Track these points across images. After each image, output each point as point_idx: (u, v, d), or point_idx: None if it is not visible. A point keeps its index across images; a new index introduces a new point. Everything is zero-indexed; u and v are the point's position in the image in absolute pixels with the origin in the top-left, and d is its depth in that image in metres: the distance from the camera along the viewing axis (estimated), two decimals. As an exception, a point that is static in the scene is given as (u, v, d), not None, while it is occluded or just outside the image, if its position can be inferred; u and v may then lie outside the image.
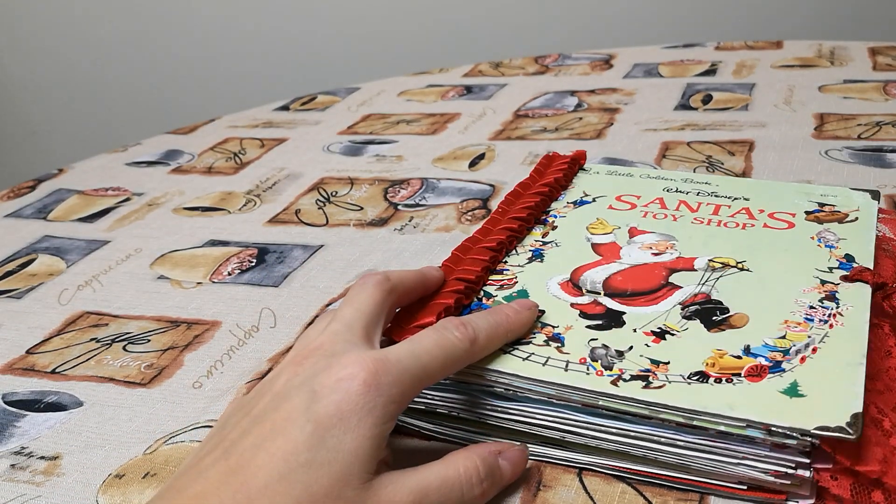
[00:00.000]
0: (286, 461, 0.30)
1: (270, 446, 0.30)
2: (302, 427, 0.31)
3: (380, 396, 0.32)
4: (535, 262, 0.44)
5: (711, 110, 0.79)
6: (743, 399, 0.33)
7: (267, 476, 0.30)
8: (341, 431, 0.31)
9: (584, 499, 0.35)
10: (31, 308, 0.56)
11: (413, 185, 0.69)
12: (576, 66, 1.00)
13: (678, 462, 0.34)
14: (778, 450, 0.32)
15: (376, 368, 0.32)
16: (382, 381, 0.32)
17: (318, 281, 0.55)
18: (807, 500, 0.33)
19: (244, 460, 0.30)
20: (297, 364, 0.34)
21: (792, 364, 0.35)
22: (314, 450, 0.30)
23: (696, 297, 0.40)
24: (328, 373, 0.32)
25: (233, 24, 1.95)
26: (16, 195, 0.77)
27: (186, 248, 0.62)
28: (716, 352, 0.36)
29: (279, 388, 0.33)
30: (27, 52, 2.14)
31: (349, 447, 0.31)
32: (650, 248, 0.45)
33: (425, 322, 0.37)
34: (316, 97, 0.99)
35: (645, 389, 0.34)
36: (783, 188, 0.50)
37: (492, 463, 0.34)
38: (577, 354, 0.36)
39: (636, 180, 0.53)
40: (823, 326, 0.37)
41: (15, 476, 0.40)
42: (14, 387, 0.47)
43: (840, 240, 0.44)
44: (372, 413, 0.31)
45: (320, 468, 0.30)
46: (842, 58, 0.91)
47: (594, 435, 0.35)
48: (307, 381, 0.32)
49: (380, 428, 0.32)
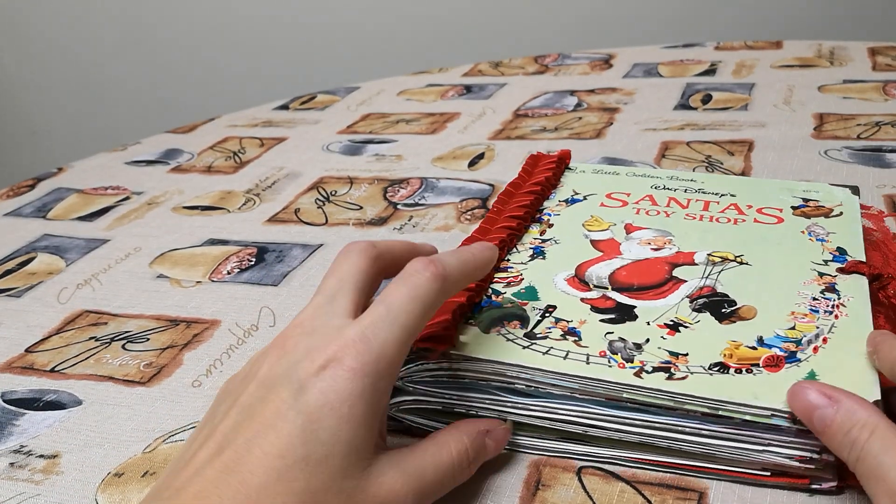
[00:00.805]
0: (282, 458, 0.29)
1: (263, 443, 0.30)
2: (293, 421, 0.30)
3: (367, 377, 0.31)
4: (538, 259, 0.45)
5: (711, 110, 0.79)
6: (766, 388, 0.34)
7: (264, 475, 0.29)
8: (334, 422, 0.30)
9: (583, 498, 0.35)
10: (31, 307, 0.56)
11: (412, 185, 0.69)
12: (575, 65, 1.00)
13: (703, 451, 0.34)
14: (802, 435, 0.33)
15: (357, 350, 0.31)
16: (367, 360, 0.31)
17: (317, 280, 0.55)
18: (830, 483, 0.33)
19: (239, 457, 0.30)
20: (279, 347, 0.33)
21: (806, 354, 0.36)
22: (308, 444, 0.30)
23: (701, 290, 0.41)
24: (310, 359, 0.31)
25: (232, 23, 1.95)
26: (15, 194, 0.77)
27: (186, 247, 0.62)
28: (731, 343, 0.37)
29: (264, 374, 0.32)
30: (27, 51, 2.14)
31: (345, 438, 0.30)
32: (649, 243, 0.46)
33: (440, 320, 0.37)
34: (315, 96, 0.99)
35: (669, 381, 0.34)
36: (766, 184, 0.52)
37: (479, 443, 0.35)
38: (596, 348, 0.37)
39: (623, 178, 0.54)
40: (829, 317, 0.38)
41: (14, 474, 0.40)
42: (13, 385, 0.47)
43: (829, 234, 0.45)
44: (362, 397, 0.30)
45: (318, 464, 0.30)
46: (841, 58, 0.91)
47: (618, 428, 0.35)
48: (291, 369, 0.31)
49: (373, 410, 0.31)
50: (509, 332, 0.38)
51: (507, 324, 0.39)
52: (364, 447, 0.31)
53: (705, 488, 0.35)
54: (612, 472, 0.36)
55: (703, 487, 0.35)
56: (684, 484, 0.35)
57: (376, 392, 0.31)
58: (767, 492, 0.34)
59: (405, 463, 0.32)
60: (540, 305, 0.40)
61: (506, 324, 0.39)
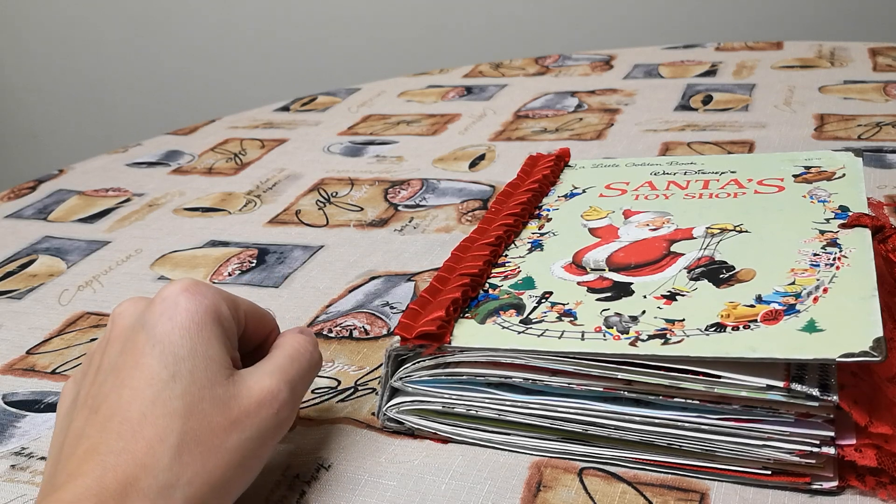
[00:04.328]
0: (151, 386, 0.31)
1: (131, 381, 0.32)
2: (151, 353, 0.32)
3: (206, 297, 0.34)
4: (536, 251, 0.44)
5: (712, 111, 0.79)
6: (763, 341, 0.33)
7: (141, 406, 0.31)
8: (188, 339, 0.32)
9: (585, 499, 0.35)
10: (32, 308, 0.56)
11: (413, 186, 0.69)
12: (576, 66, 1.00)
13: (703, 449, 0.34)
14: (802, 424, 0.32)
15: (191, 281, 0.34)
16: (201, 285, 0.34)
17: (318, 282, 0.55)
18: (830, 483, 0.33)
19: (112, 404, 0.31)
20: (112, 322, 0.35)
21: (806, 305, 0.35)
22: (171, 364, 0.32)
23: (699, 260, 0.40)
24: (152, 305, 0.34)
25: (233, 24, 1.95)
26: (16, 196, 0.77)
27: (187, 249, 0.62)
28: (728, 304, 0.36)
29: (116, 336, 0.34)
30: (28, 53, 2.14)
31: (202, 350, 0.32)
32: (647, 224, 0.45)
33: (434, 317, 0.37)
34: (316, 98, 0.99)
35: (665, 346, 0.34)
36: (767, 158, 0.51)
37: (308, 331, 0.38)
38: (592, 325, 0.36)
39: (622, 169, 0.54)
40: (830, 269, 0.37)
41: (15, 476, 0.40)
42: (14, 387, 0.47)
43: (832, 194, 0.45)
44: (208, 312, 0.33)
45: (185, 379, 0.32)
46: (842, 58, 0.91)
47: (617, 425, 0.35)
48: (137, 320, 0.34)
49: (222, 328, 0.34)
50: (505, 321, 0.38)
51: (503, 313, 0.38)
52: (222, 360, 0.33)
53: (706, 489, 0.35)
54: (613, 473, 0.36)
55: (704, 488, 0.35)
56: (685, 485, 0.35)
57: (219, 311, 0.34)
58: (769, 493, 0.34)
59: (264, 366, 0.34)
60: (536, 293, 0.40)
61: (501, 313, 0.38)
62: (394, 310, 0.50)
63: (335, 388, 0.44)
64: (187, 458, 0.30)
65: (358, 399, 0.43)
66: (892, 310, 0.38)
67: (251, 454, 0.32)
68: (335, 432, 0.40)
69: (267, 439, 0.33)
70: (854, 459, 0.32)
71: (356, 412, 0.42)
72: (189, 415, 0.31)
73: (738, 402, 0.33)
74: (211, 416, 0.31)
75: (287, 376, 0.34)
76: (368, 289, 0.53)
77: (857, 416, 0.32)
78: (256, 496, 0.37)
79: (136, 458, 0.30)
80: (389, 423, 0.39)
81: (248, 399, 0.33)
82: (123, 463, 0.30)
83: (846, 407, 0.32)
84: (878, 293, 0.35)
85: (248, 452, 0.32)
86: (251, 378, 0.33)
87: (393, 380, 0.38)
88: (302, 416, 0.42)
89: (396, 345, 0.38)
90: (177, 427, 0.31)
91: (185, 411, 0.31)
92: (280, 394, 0.33)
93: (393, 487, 0.36)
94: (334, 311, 0.51)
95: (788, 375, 0.32)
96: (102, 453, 0.30)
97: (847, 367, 0.33)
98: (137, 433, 0.30)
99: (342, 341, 0.48)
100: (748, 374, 0.33)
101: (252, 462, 0.33)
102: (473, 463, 0.37)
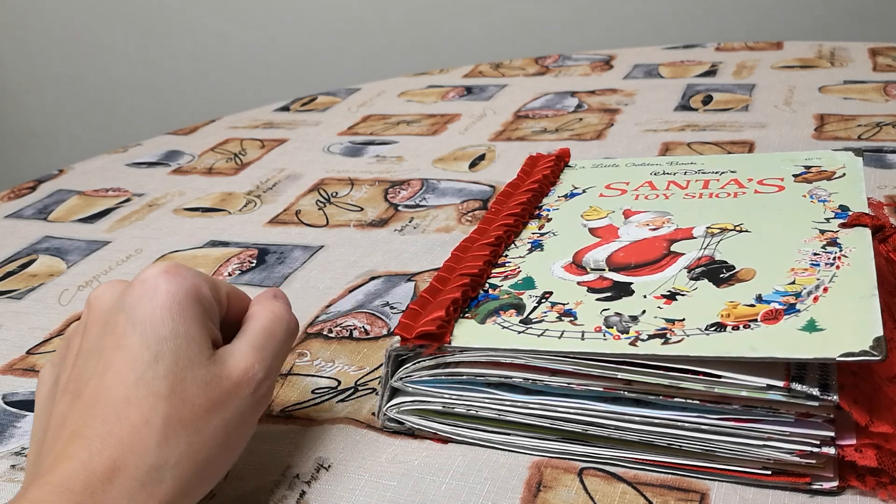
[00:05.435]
0: (134, 367, 0.31)
1: (113, 364, 0.32)
2: (132, 334, 0.32)
3: (185, 279, 0.34)
4: (536, 251, 0.44)
5: (712, 111, 0.79)
6: (763, 340, 0.33)
7: (124, 388, 0.31)
8: (169, 320, 0.32)
9: (585, 499, 0.35)
10: (32, 308, 0.56)
11: (413, 186, 0.69)
12: (576, 66, 1.00)
13: (703, 449, 0.34)
14: (802, 424, 0.32)
15: (169, 264, 0.34)
16: (181, 268, 0.34)
17: (318, 282, 0.55)
18: (830, 483, 0.33)
19: (95, 388, 0.31)
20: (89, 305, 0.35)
21: (806, 304, 0.35)
22: (153, 345, 0.32)
23: (699, 260, 0.40)
24: (131, 287, 0.34)
25: (233, 24, 1.95)
26: (16, 196, 0.77)
27: (187, 249, 0.62)
28: (728, 304, 0.36)
29: (94, 319, 0.34)
30: (28, 53, 2.14)
31: (182, 331, 0.32)
32: (647, 224, 0.45)
33: (435, 317, 0.37)
34: (316, 98, 0.99)
35: (665, 346, 0.34)
36: (767, 158, 0.51)
37: (282, 294, 0.39)
38: (592, 324, 0.36)
39: (622, 169, 0.54)
40: (830, 269, 0.37)
41: (16, 476, 0.40)
42: (14, 387, 0.47)
43: (832, 194, 0.45)
44: (188, 294, 0.33)
45: (167, 359, 0.32)
46: (842, 59, 0.91)
47: (617, 425, 0.35)
48: (117, 303, 0.34)
49: (202, 308, 0.34)
50: (505, 321, 0.38)
51: (503, 313, 0.38)
52: (203, 340, 0.33)
53: (707, 489, 0.35)
54: (613, 473, 0.36)
55: (704, 489, 0.35)
56: (686, 485, 0.35)
57: (199, 293, 0.34)
58: (769, 493, 0.34)
59: (240, 343, 0.34)
60: (536, 293, 0.40)
61: (501, 313, 0.38)
62: (394, 310, 0.50)
63: (335, 388, 0.44)
64: (173, 440, 0.31)
65: (358, 399, 0.43)
66: (892, 309, 0.39)
67: (234, 432, 0.33)
68: (335, 432, 0.40)
69: (248, 417, 0.34)
70: (854, 459, 0.32)
71: (356, 412, 0.42)
72: (172, 395, 0.31)
73: (738, 402, 0.33)
74: (194, 397, 0.32)
75: (263, 353, 0.34)
76: (368, 289, 0.53)
77: (858, 415, 0.32)
78: (256, 496, 0.37)
79: (122, 441, 0.30)
80: (389, 424, 0.39)
81: (227, 380, 0.33)
82: (109, 447, 0.30)
83: (846, 407, 0.32)
84: (878, 293, 0.35)
85: (231, 431, 0.33)
86: (230, 358, 0.34)
87: (393, 380, 0.38)
88: (302, 416, 0.42)
89: (396, 345, 0.38)
90: (161, 409, 0.31)
91: (169, 392, 0.31)
92: (256, 373, 0.34)
93: (393, 487, 0.36)
94: (334, 312, 0.51)
95: (788, 375, 0.32)
96: (88, 437, 0.30)
97: (847, 367, 0.33)
98: (122, 417, 0.30)
99: (342, 341, 0.48)
100: (748, 374, 0.33)
101: (235, 440, 0.33)
102: (473, 463, 0.37)
